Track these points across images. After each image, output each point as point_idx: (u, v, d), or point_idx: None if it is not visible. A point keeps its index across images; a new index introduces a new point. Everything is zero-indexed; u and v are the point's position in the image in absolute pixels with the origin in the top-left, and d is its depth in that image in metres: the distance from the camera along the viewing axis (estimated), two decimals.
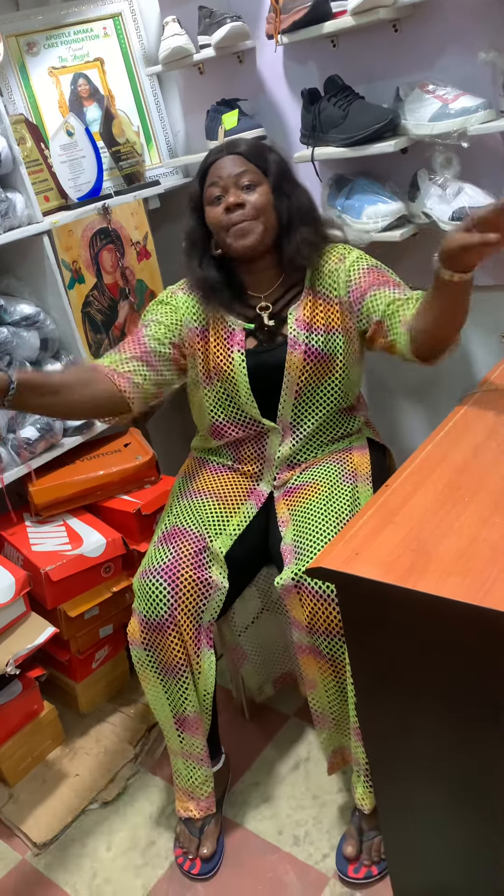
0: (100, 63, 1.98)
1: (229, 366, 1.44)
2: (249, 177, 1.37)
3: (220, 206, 1.37)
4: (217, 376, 1.46)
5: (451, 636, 0.93)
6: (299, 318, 1.42)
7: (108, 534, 1.73)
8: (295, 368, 1.42)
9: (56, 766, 1.70)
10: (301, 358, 1.41)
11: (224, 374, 1.45)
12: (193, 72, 1.93)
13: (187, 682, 1.36)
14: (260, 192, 1.37)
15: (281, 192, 1.39)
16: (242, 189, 1.36)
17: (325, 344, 1.42)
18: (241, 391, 1.44)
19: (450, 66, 1.52)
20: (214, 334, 1.46)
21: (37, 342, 1.74)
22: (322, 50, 1.68)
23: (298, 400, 1.45)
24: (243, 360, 1.43)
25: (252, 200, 1.36)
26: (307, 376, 1.43)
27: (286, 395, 1.44)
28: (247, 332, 1.44)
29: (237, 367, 1.43)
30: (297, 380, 1.43)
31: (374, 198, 1.61)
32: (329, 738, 1.37)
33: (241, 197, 1.36)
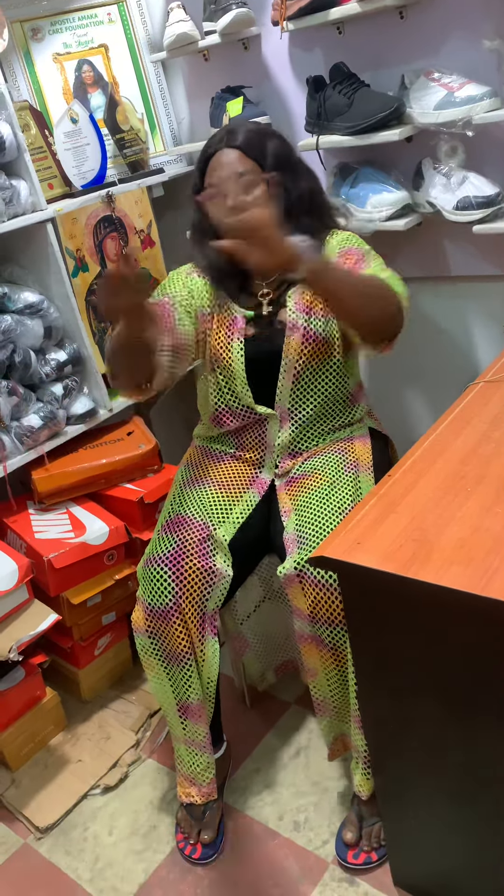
0: (104, 49, 1.97)
1: (227, 354, 1.44)
2: (249, 175, 1.35)
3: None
4: (216, 364, 1.47)
5: (452, 626, 0.94)
6: (299, 301, 1.42)
7: (111, 522, 1.74)
8: (293, 352, 1.42)
9: (58, 752, 1.71)
10: (299, 341, 1.41)
11: (222, 363, 1.45)
12: (198, 58, 1.92)
13: (191, 669, 1.37)
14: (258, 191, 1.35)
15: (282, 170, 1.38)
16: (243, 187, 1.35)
17: (325, 328, 1.42)
18: (237, 379, 1.45)
19: (455, 53, 1.51)
20: (218, 321, 1.46)
21: (40, 330, 1.74)
22: (328, 37, 1.67)
23: (296, 385, 1.45)
24: (241, 348, 1.43)
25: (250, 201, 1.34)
26: (305, 360, 1.43)
27: (283, 379, 1.44)
28: (247, 319, 1.44)
29: (235, 356, 1.43)
30: (294, 364, 1.43)
31: (378, 186, 1.60)
32: (330, 725, 1.38)
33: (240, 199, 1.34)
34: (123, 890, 1.41)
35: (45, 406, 1.76)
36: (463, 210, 1.51)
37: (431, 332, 1.83)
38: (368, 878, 1.35)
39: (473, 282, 1.72)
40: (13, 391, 1.69)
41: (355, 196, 1.63)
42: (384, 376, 1.94)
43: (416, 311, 1.83)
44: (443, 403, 1.35)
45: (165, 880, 1.41)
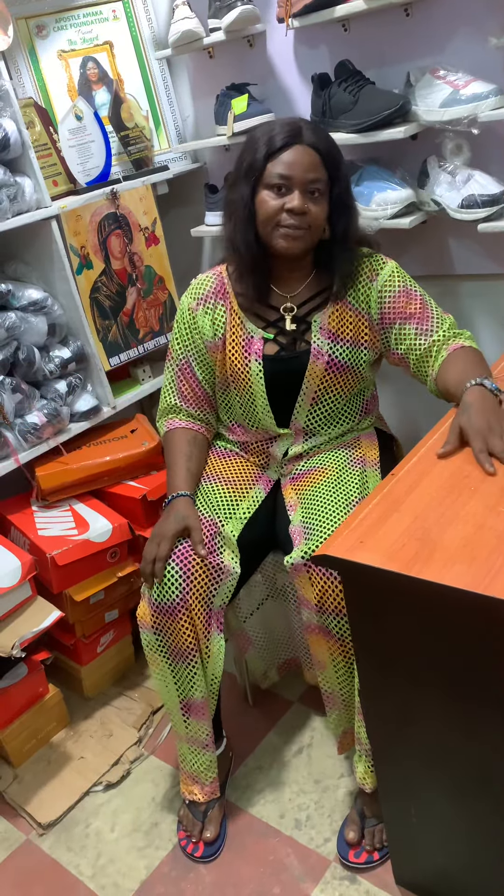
0: (109, 46, 1.97)
1: (246, 375, 1.42)
2: (320, 185, 1.31)
3: (279, 200, 1.30)
4: (234, 384, 1.46)
5: (454, 624, 0.94)
6: (324, 326, 1.40)
7: (115, 519, 1.74)
8: (315, 378, 1.41)
9: (61, 749, 1.72)
10: (323, 368, 1.40)
11: (240, 383, 1.44)
12: (203, 56, 1.92)
13: (196, 666, 1.37)
14: (322, 207, 1.32)
15: (342, 205, 1.35)
16: (308, 195, 1.30)
17: (350, 356, 1.41)
18: (257, 401, 1.44)
19: (461, 51, 1.50)
20: (231, 341, 1.44)
21: (44, 327, 1.74)
22: (333, 34, 1.66)
23: (314, 408, 1.45)
24: (261, 369, 1.41)
25: (315, 212, 1.31)
26: (326, 386, 1.42)
27: (302, 402, 1.44)
28: (266, 339, 1.43)
29: (254, 377, 1.42)
30: (315, 389, 1.42)
31: (383, 185, 1.60)
32: (339, 718, 1.37)
33: (305, 205, 1.29)
34: (125, 886, 1.41)
35: (48, 403, 1.76)
36: (468, 208, 1.50)
37: None
38: (370, 877, 1.35)
39: (478, 280, 1.71)
40: (17, 388, 1.69)
41: (360, 194, 1.62)
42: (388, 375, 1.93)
43: None
44: (447, 403, 1.35)
45: (167, 877, 1.42)
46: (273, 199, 1.31)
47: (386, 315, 1.40)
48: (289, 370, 1.42)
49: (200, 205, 1.99)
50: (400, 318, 1.39)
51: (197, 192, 2.05)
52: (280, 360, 1.42)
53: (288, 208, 1.30)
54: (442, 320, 1.40)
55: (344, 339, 1.40)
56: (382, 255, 1.44)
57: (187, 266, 2.13)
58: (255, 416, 1.47)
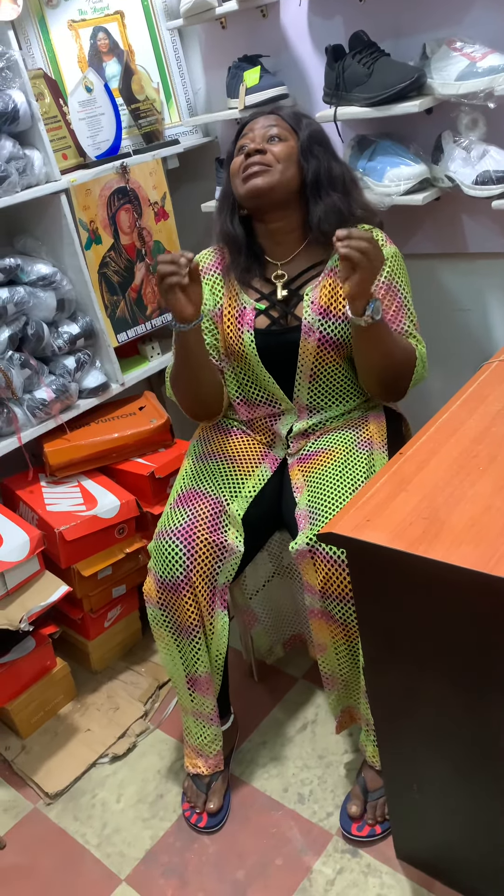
0: (120, 16, 1.94)
1: (240, 346, 1.43)
2: (278, 130, 1.37)
3: (242, 155, 1.37)
4: (232, 355, 1.46)
5: (460, 605, 0.94)
6: (315, 301, 1.39)
7: (122, 496, 1.74)
8: (309, 355, 1.41)
9: (68, 721, 1.74)
10: (315, 345, 1.40)
11: (237, 354, 1.44)
12: (215, 26, 1.88)
13: (200, 642, 1.38)
14: (285, 144, 1.36)
15: (310, 152, 1.37)
16: (268, 140, 1.37)
17: (341, 332, 1.40)
18: (256, 370, 1.44)
19: (478, 22, 1.47)
20: (228, 313, 1.45)
21: (53, 302, 1.73)
22: (348, 4, 1.63)
23: (313, 384, 1.44)
24: (253, 340, 1.42)
25: (275, 150, 1.35)
26: (321, 362, 1.42)
27: (300, 379, 1.44)
28: (259, 311, 1.43)
29: (247, 347, 1.42)
30: (311, 365, 1.42)
31: (396, 160, 1.57)
32: (338, 698, 1.39)
33: (262, 145, 1.36)
34: (130, 855, 1.44)
35: (57, 379, 1.76)
36: (482, 185, 1.48)
37: (447, 309, 1.81)
38: (371, 851, 1.36)
39: (491, 259, 1.69)
40: (26, 363, 1.69)
41: (373, 169, 1.60)
42: None
43: (432, 288, 1.81)
44: (457, 382, 1.34)
45: (172, 847, 1.44)
46: (237, 158, 1.38)
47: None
48: (280, 344, 1.42)
49: (211, 180, 1.97)
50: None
51: (208, 166, 2.02)
52: (271, 334, 1.42)
53: (245, 153, 1.35)
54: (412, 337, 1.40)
55: (335, 315, 1.39)
56: (384, 235, 1.43)
57: (197, 241, 2.11)
58: (258, 388, 1.47)
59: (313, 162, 1.37)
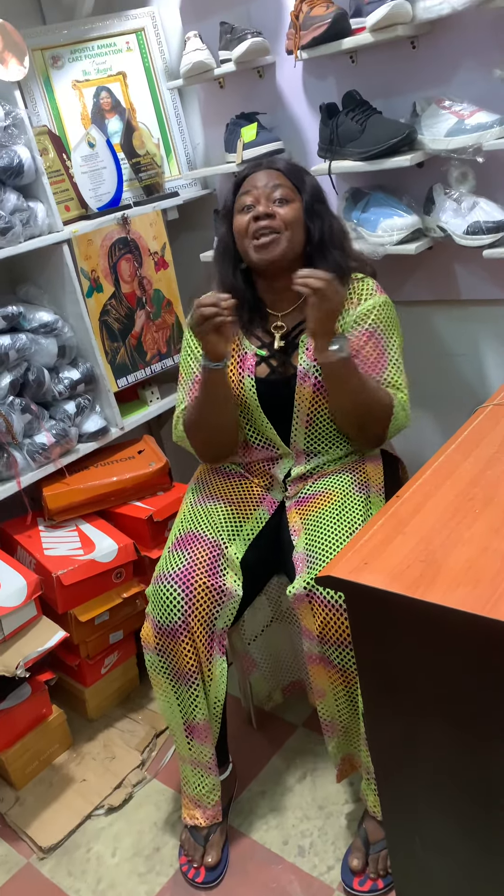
0: (122, 76, 2.02)
1: (241, 390, 1.45)
2: (283, 191, 1.38)
3: (249, 214, 1.38)
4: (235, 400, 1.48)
5: (459, 648, 0.93)
6: (310, 348, 1.42)
7: (120, 539, 1.74)
8: (305, 400, 1.43)
9: (63, 771, 1.71)
10: (310, 391, 1.42)
11: (238, 398, 1.46)
12: (214, 85, 1.96)
13: (198, 689, 1.37)
14: (292, 207, 1.38)
15: (313, 212, 1.40)
16: (274, 202, 1.38)
17: None
18: (254, 415, 1.46)
19: (466, 82, 1.53)
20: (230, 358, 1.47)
21: (55, 349, 1.76)
22: (341, 65, 1.70)
23: (310, 429, 1.46)
24: (253, 385, 1.44)
25: (282, 213, 1.37)
26: (317, 407, 1.44)
27: (297, 424, 1.45)
28: (259, 357, 1.45)
29: (248, 392, 1.44)
30: (307, 411, 1.44)
31: (389, 211, 1.62)
32: (338, 745, 1.36)
33: (271, 208, 1.37)
34: None
35: (57, 423, 1.78)
36: (473, 235, 1.52)
37: (442, 354, 1.84)
38: None
39: (483, 305, 1.73)
40: (26, 409, 1.71)
41: (366, 220, 1.65)
42: None
43: (426, 334, 1.84)
44: (452, 426, 1.36)
45: None
46: (244, 215, 1.39)
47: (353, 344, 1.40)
48: (279, 393, 1.44)
49: (209, 230, 2.02)
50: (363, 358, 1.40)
51: (206, 217, 2.08)
52: (270, 383, 1.44)
53: (254, 215, 1.37)
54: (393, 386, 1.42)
55: None
56: (375, 285, 1.46)
57: (195, 289, 2.15)
58: (257, 433, 1.48)
59: (317, 223, 1.40)
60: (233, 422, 1.47)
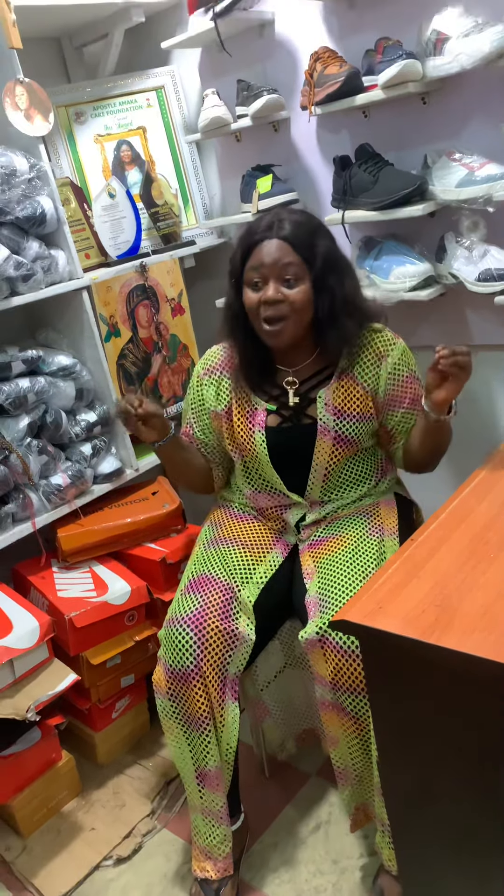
0: (142, 131, 2.09)
1: (251, 445, 1.47)
2: (293, 270, 1.34)
3: (258, 293, 1.37)
4: (243, 452, 1.49)
5: (474, 694, 0.92)
6: (329, 402, 1.43)
7: (133, 581, 1.74)
8: (324, 454, 1.44)
9: (71, 819, 1.67)
10: (330, 444, 1.43)
11: (248, 452, 1.48)
12: (230, 139, 2.03)
13: (210, 735, 1.35)
14: (301, 289, 1.36)
15: (323, 286, 1.37)
16: (283, 282, 1.35)
17: (357, 430, 1.43)
18: (264, 468, 1.47)
19: (475, 136, 1.58)
20: (238, 412, 1.49)
21: (72, 392, 1.79)
22: (354, 120, 1.76)
23: (327, 481, 1.47)
24: (264, 439, 1.45)
25: (291, 296, 1.35)
26: (336, 460, 1.45)
27: (314, 477, 1.46)
28: (269, 411, 1.47)
29: (258, 447, 1.46)
30: (325, 464, 1.45)
31: (402, 259, 1.65)
32: (352, 794, 1.33)
33: (279, 292, 1.35)
34: None
35: (73, 465, 1.80)
36: (485, 282, 1.55)
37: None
38: None
39: (496, 350, 1.74)
40: (43, 450, 1.73)
41: (379, 268, 1.68)
42: None
43: None
44: (466, 470, 1.36)
45: None
46: (252, 293, 1.39)
47: (393, 397, 1.44)
48: (291, 442, 1.45)
49: (225, 277, 2.06)
50: (407, 402, 1.45)
51: (222, 265, 2.11)
52: (282, 432, 1.45)
53: (263, 300, 1.36)
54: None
55: (350, 415, 1.43)
56: (391, 333, 1.47)
57: (211, 335, 2.19)
58: (267, 483, 1.49)
59: (326, 297, 1.37)
60: (199, 471, 1.60)
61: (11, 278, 1.61)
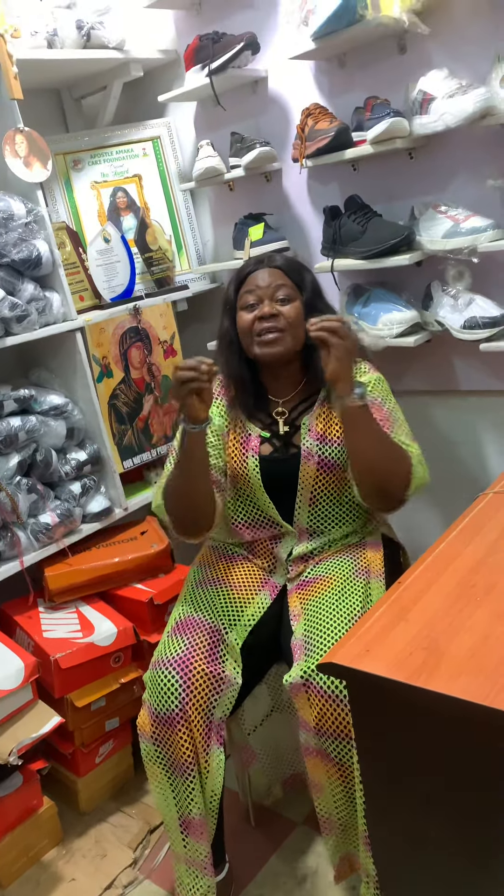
0: (138, 179, 2.15)
1: (244, 470, 1.48)
2: (286, 291, 1.45)
3: (252, 313, 1.44)
4: (235, 478, 1.51)
5: (462, 738, 0.92)
6: (313, 428, 1.46)
7: (120, 623, 1.73)
8: (309, 479, 1.46)
9: (51, 869, 1.63)
10: (314, 469, 1.45)
11: (241, 478, 1.49)
12: (224, 188, 2.09)
13: (195, 781, 1.33)
14: (294, 306, 1.44)
15: (314, 308, 1.45)
16: (277, 301, 1.44)
17: (339, 455, 1.45)
18: (257, 494, 1.48)
19: (460, 189, 1.64)
20: (233, 437, 1.51)
21: (63, 431, 1.80)
22: (343, 172, 1.82)
23: (314, 508, 1.48)
24: (257, 465, 1.47)
25: (285, 312, 1.43)
26: (321, 486, 1.47)
27: (301, 503, 1.48)
28: (262, 438, 1.49)
29: (251, 472, 1.47)
30: (311, 489, 1.46)
31: (389, 306, 1.69)
32: (336, 844, 1.31)
33: (275, 308, 1.43)
34: None
35: (62, 503, 1.80)
36: (470, 329, 1.59)
37: (442, 443, 1.88)
38: None
39: (482, 396, 1.78)
40: (33, 488, 1.73)
41: (367, 314, 1.72)
42: None
43: (426, 424, 1.89)
44: (453, 513, 1.37)
45: None
46: (248, 314, 1.45)
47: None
48: (282, 472, 1.47)
49: (217, 321, 2.09)
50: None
51: (214, 309, 2.15)
52: (274, 461, 1.48)
53: (258, 315, 1.43)
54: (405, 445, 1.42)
55: (331, 440, 1.45)
56: (368, 364, 1.51)
57: None
58: (259, 511, 1.50)
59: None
60: (208, 492, 1.43)
61: (6, 318, 1.64)
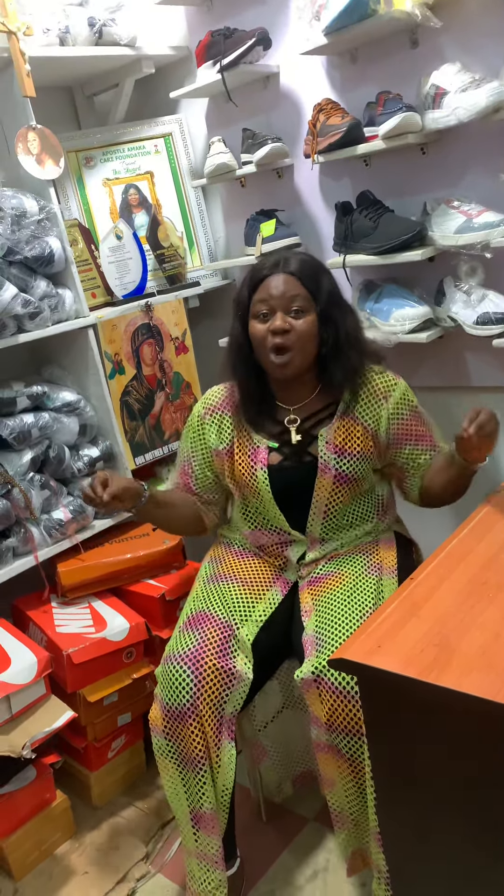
0: (150, 176, 2.15)
1: (253, 483, 1.47)
2: (300, 302, 1.39)
3: (265, 324, 1.41)
4: (244, 490, 1.51)
5: (473, 734, 0.92)
6: (330, 441, 1.45)
7: (132, 618, 1.74)
8: (325, 491, 1.45)
9: (64, 862, 1.64)
10: (331, 482, 1.44)
11: (250, 489, 1.49)
12: (235, 184, 2.09)
13: (206, 775, 1.33)
14: (307, 320, 1.40)
15: (329, 319, 1.41)
16: (290, 313, 1.40)
17: (357, 469, 1.45)
18: (267, 506, 1.48)
19: (473, 184, 1.62)
20: (239, 451, 1.50)
21: (76, 427, 1.81)
22: (355, 168, 1.81)
23: (327, 518, 1.48)
24: (266, 477, 1.46)
25: (298, 326, 1.39)
26: (336, 498, 1.46)
27: (314, 514, 1.47)
28: (271, 449, 1.48)
29: (261, 484, 1.47)
30: (325, 501, 1.46)
31: (401, 302, 1.69)
32: (348, 838, 1.31)
33: (287, 322, 1.39)
34: None
35: (75, 500, 1.81)
36: (483, 325, 1.58)
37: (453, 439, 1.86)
38: None
39: (494, 392, 1.77)
40: (46, 485, 1.74)
41: (379, 310, 1.71)
42: None
43: (438, 419, 1.87)
44: (465, 510, 1.37)
45: None
46: (261, 324, 1.42)
47: (398, 435, 1.46)
48: (293, 480, 1.46)
49: (228, 318, 2.09)
50: (412, 438, 1.47)
51: (226, 305, 2.16)
52: (284, 470, 1.46)
53: (271, 329, 1.39)
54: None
55: (351, 454, 1.44)
56: (392, 374, 1.50)
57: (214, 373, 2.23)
58: (269, 520, 1.50)
59: (331, 330, 1.41)
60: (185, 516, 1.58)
61: (19, 315, 1.65)
